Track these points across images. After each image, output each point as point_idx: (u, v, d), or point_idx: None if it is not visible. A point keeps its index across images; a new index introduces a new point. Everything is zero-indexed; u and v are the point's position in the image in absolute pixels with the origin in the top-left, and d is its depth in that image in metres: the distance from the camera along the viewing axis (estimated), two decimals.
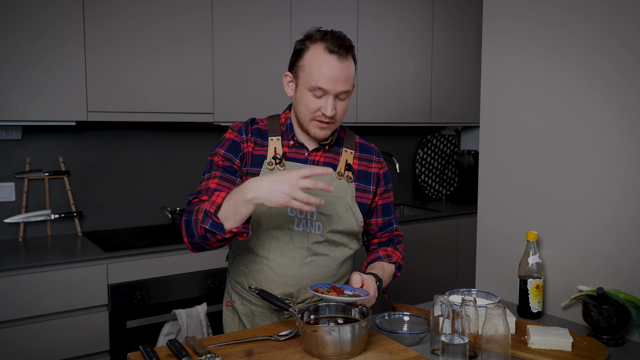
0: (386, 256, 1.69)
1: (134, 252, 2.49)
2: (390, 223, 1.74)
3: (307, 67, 1.50)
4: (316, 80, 1.48)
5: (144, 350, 1.36)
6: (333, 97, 1.50)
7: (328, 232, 1.59)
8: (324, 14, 3.21)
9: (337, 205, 1.60)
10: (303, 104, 1.53)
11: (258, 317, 1.64)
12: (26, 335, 2.25)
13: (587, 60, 1.71)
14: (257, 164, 1.58)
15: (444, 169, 4.28)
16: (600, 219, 1.69)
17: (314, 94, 1.50)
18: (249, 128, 1.61)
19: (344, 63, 1.49)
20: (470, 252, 3.60)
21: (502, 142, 1.99)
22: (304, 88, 1.51)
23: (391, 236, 1.75)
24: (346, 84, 1.50)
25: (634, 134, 1.60)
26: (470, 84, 3.91)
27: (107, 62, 2.58)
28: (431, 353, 1.44)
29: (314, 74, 1.48)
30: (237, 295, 1.68)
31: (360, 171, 1.67)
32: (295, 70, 1.55)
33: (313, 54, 1.49)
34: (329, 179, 1.59)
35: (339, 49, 1.47)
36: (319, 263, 1.60)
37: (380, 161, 1.72)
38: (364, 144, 1.72)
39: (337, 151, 1.65)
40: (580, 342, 1.50)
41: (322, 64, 1.47)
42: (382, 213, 1.72)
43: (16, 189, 2.72)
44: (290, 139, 1.61)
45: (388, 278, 1.66)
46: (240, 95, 2.94)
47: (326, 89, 1.48)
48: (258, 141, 1.60)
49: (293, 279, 1.59)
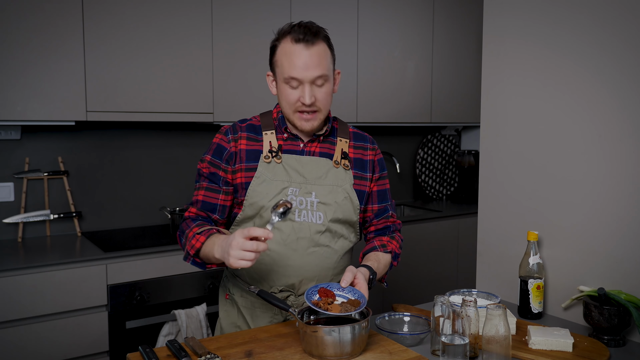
0: (381, 246, 1.69)
1: (134, 253, 2.48)
2: (386, 209, 1.74)
3: (279, 61, 1.54)
4: (288, 71, 1.51)
5: (143, 351, 1.36)
6: (309, 84, 1.51)
7: (329, 222, 1.60)
8: (324, 14, 3.20)
9: (337, 194, 1.61)
10: (283, 98, 1.56)
11: (259, 309, 1.65)
12: (25, 336, 2.25)
13: (588, 60, 1.70)
14: (253, 159, 1.60)
15: (444, 169, 4.27)
16: (601, 219, 1.68)
17: (290, 85, 1.53)
18: (237, 126, 1.64)
19: (312, 49, 1.50)
20: (470, 252, 3.60)
21: (502, 142, 1.98)
22: (281, 82, 1.55)
23: (387, 223, 1.75)
24: (318, 69, 1.51)
25: (635, 134, 1.60)
26: (470, 84, 3.90)
27: (107, 62, 2.58)
28: (431, 354, 1.44)
29: (286, 66, 1.51)
30: (237, 288, 1.68)
31: (357, 159, 1.68)
32: (272, 67, 1.59)
33: (283, 47, 1.53)
34: (326, 169, 1.61)
35: (305, 35, 1.50)
36: (320, 254, 1.60)
37: (375, 148, 1.73)
38: (358, 132, 1.74)
39: (332, 141, 1.67)
40: (581, 342, 1.50)
41: (291, 54, 1.51)
42: (378, 199, 1.72)
43: (15, 189, 2.71)
44: (284, 131, 1.63)
45: (384, 268, 1.65)
46: (240, 94, 2.93)
47: (299, 78, 1.51)
48: (251, 136, 1.62)
49: (295, 270, 1.59)
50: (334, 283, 1.48)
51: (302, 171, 1.60)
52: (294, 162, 1.60)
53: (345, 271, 1.48)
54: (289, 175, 1.58)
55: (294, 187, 1.58)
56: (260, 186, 1.57)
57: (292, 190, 1.57)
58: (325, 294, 1.42)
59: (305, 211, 1.58)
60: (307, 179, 1.59)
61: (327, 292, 1.43)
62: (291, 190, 1.57)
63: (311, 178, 1.60)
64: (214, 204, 1.61)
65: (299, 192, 1.57)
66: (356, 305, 1.38)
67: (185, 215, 1.64)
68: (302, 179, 1.59)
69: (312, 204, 1.58)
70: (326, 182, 1.60)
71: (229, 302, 1.72)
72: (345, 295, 1.43)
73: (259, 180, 1.57)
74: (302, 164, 1.61)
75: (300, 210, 1.58)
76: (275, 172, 1.58)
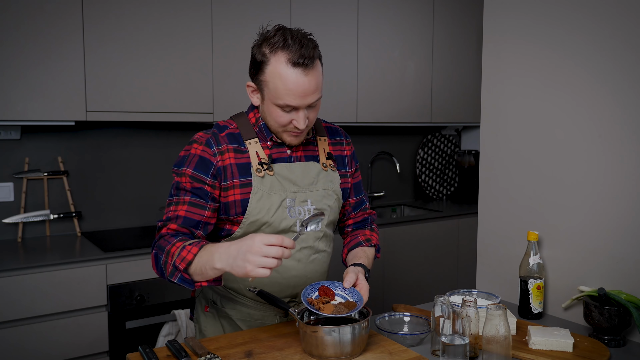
0: (366, 240, 1.69)
1: (133, 253, 2.48)
2: (362, 201, 1.74)
3: (270, 83, 1.39)
4: (283, 98, 1.39)
5: (143, 351, 1.36)
6: (304, 109, 1.42)
7: (325, 226, 1.59)
8: (324, 14, 3.20)
9: (329, 198, 1.59)
10: (273, 118, 1.45)
11: (258, 322, 1.60)
12: (25, 336, 2.24)
13: (588, 60, 1.70)
14: (245, 174, 1.49)
15: (444, 169, 4.27)
16: (602, 219, 1.68)
17: (282, 109, 1.42)
18: (218, 137, 1.49)
19: (311, 74, 1.38)
20: (470, 252, 3.60)
21: (502, 142, 1.98)
22: (271, 104, 1.42)
23: (365, 215, 1.75)
24: (316, 94, 1.41)
25: (635, 134, 1.59)
26: (470, 84, 3.90)
27: (106, 62, 2.57)
28: (432, 354, 1.43)
29: (280, 92, 1.38)
30: (228, 300, 1.60)
31: (337, 156, 1.65)
32: (258, 83, 1.44)
33: (275, 68, 1.37)
34: (315, 173, 1.57)
35: (304, 59, 1.35)
36: (320, 260, 1.60)
37: (349, 142, 1.71)
38: (331, 127, 1.69)
39: (313, 142, 1.61)
40: (581, 342, 1.50)
41: (286, 80, 1.36)
42: (355, 192, 1.71)
43: (15, 189, 2.71)
44: (268, 140, 1.53)
45: (371, 263, 1.65)
46: (240, 95, 2.93)
47: (296, 106, 1.40)
48: (236, 147, 1.50)
49: (299, 280, 1.57)
50: (336, 282, 1.47)
51: (294, 179, 1.53)
52: (285, 172, 1.53)
53: (347, 272, 1.47)
54: (283, 186, 1.51)
55: (290, 197, 1.52)
56: (259, 202, 1.48)
57: (289, 201, 1.52)
58: (325, 292, 1.42)
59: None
60: (301, 186, 1.54)
61: (327, 290, 1.43)
62: (289, 201, 1.51)
63: (304, 185, 1.55)
64: (197, 220, 1.46)
65: (295, 201, 1.53)
66: (350, 308, 1.37)
67: (163, 232, 1.45)
68: (295, 188, 1.53)
69: (310, 212, 1.55)
70: (318, 187, 1.57)
71: (210, 315, 1.63)
72: (346, 295, 1.43)
73: (257, 196, 1.48)
74: (293, 172, 1.54)
75: (300, 221, 1.54)
76: (271, 184, 1.50)
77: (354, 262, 1.58)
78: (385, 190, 4.02)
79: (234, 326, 1.60)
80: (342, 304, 1.39)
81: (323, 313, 1.35)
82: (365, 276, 1.52)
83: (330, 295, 1.42)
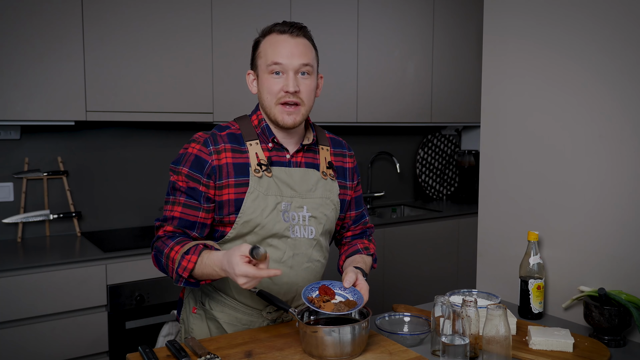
0: (364, 249, 1.70)
1: (133, 253, 2.48)
2: (362, 215, 1.76)
3: (263, 52, 1.51)
4: (272, 57, 1.48)
5: (143, 351, 1.36)
6: (293, 73, 1.48)
7: (320, 235, 1.58)
8: (324, 14, 3.20)
9: (326, 207, 1.59)
10: (265, 89, 1.51)
11: (246, 326, 1.58)
12: (25, 336, 2.24)
13: (588, 60, 1.70)
14: (242, 174, 1.50)
15: (444, 169, 4.27)
16: (602, 219, 1.68)
17: (273, 74, 1.49)
18: (217, 137, 1.52)
19: (298, 39, 1.50)
20: (471, 252, 3.60)
21: (502, 142, 1.98)
22: (263, 73, 1.51)
23: (364, 228, 1.77)
24: (303, 57, 1.49)
25: (635, 134, 1.59)
26: (470, 84, 3.90)
27: (106, 62, 2.57)
28: (432, 354, 1.43)
29: (270, 54, 1.49)
30: (216, 303, 1.59)
31: (338, 167, 1.66)
32: (254, 63, 1.55)
33: (267, 40, 1.52)
34: (315, 180, 1.57)
35: (290, 27, 1.50)
36: (313, 269, 1.59)
37: (352, 155, 1.72)
38: (335, 138, 1.71)
39: (315, 150, 1.62)
40: (581, 343, 1.50)
41: (276, 44, 1.49)
42: (356, 206, 1.73)
43: (14, 189, 2.71)
44: (270, 141, 1.55)
45: (368, 270, 1.67)
46: (240, 94, 2.93)
47: (283, 63, 1.47)
48: (235, 147, 1.52)
49: (290, 287, 1.56)
50: (336, 282, 1.47)
51: (292, 184, 1.53)
52: (283, 175, 1.53)
53: (347, 272, 1.48)
54: (279, 189, 1.51)
55: (286, 201, 1.52)
56: (255, 202, 1.49)
57: (284, 205, 1.51)
58: (325, 291, 1.42)
59: (298, 227, 1.54)
60: (298, 192, 1.54)
61: (327, 289, 1.43)
62: (284, 205, 1.51)
63: (302, 191, 1.55)
64: (192, 221, 1.49)
65: (290, 206, 1.52)
66: (351, 306, 1.38)
67: (160, 233, 1.51)
68: (293, 193, 1.53)
69: (305, 218, 1.54)
70: (316, 194, 1.56)
71: (197, 316, 1.62)
72: (346, 295, 1.43)
73: (253, 196, 1.48)
74: (291, 176, 1.54)
75: (294, 226, 1.53)
76: (268, 186, 1.50)
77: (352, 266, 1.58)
78: (385, 190, 4.02)
79: (221, 329, 1.58)
80: (343, 302, 1.39)
81: (324, 311, 1.35)
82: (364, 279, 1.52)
83: (330, 294, 1.42)
